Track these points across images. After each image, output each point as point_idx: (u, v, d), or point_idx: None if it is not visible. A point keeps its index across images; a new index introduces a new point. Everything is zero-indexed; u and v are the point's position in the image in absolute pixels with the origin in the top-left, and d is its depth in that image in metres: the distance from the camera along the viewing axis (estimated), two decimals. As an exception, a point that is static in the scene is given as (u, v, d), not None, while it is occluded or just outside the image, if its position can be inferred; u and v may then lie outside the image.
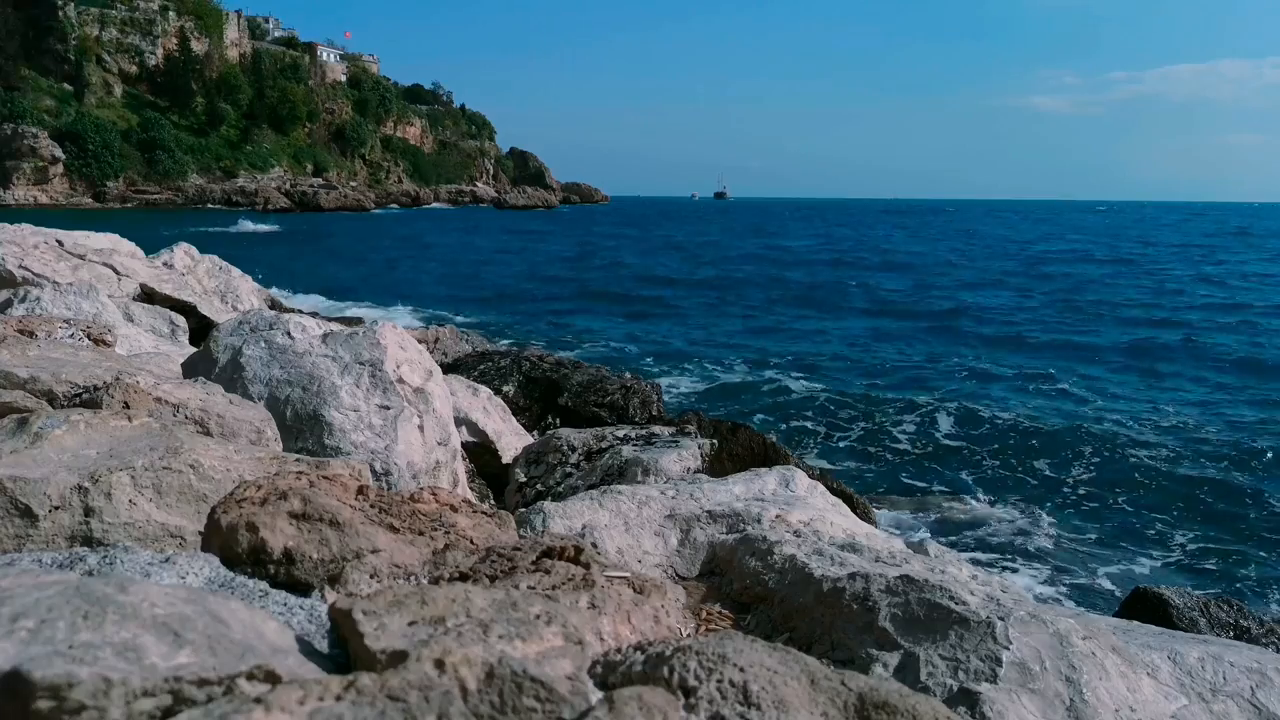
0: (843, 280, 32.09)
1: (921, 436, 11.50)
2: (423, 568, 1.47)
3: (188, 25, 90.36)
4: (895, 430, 11.73)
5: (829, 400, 13.45)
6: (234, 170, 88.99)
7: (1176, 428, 12.27)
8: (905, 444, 11.19)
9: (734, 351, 17.55)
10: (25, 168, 72.78)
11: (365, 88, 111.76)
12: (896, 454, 10.79)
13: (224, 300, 8.06)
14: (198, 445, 1.90)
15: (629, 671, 1.05)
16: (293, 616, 1.23)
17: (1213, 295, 28.44)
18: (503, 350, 9.02)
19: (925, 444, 11.18)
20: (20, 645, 0.84)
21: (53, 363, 2.68)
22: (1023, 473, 10.14)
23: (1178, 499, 9.34)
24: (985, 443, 11.28)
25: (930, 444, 11.18)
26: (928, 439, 11.39)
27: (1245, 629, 4.26)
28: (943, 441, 11.30)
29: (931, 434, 11.60)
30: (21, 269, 5.81)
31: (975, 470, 10.22)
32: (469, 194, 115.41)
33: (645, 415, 6.94)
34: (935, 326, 21.43)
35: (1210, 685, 2.05)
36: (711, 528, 2.85)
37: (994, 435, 11.58)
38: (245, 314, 3.64)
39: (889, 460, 10.55)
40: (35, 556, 1.40)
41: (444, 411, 3.55)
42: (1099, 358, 17.48)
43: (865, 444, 11.16)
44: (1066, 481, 9.88)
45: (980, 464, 10.47)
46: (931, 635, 2.00)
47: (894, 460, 10.55)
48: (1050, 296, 27.59)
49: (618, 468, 4.23)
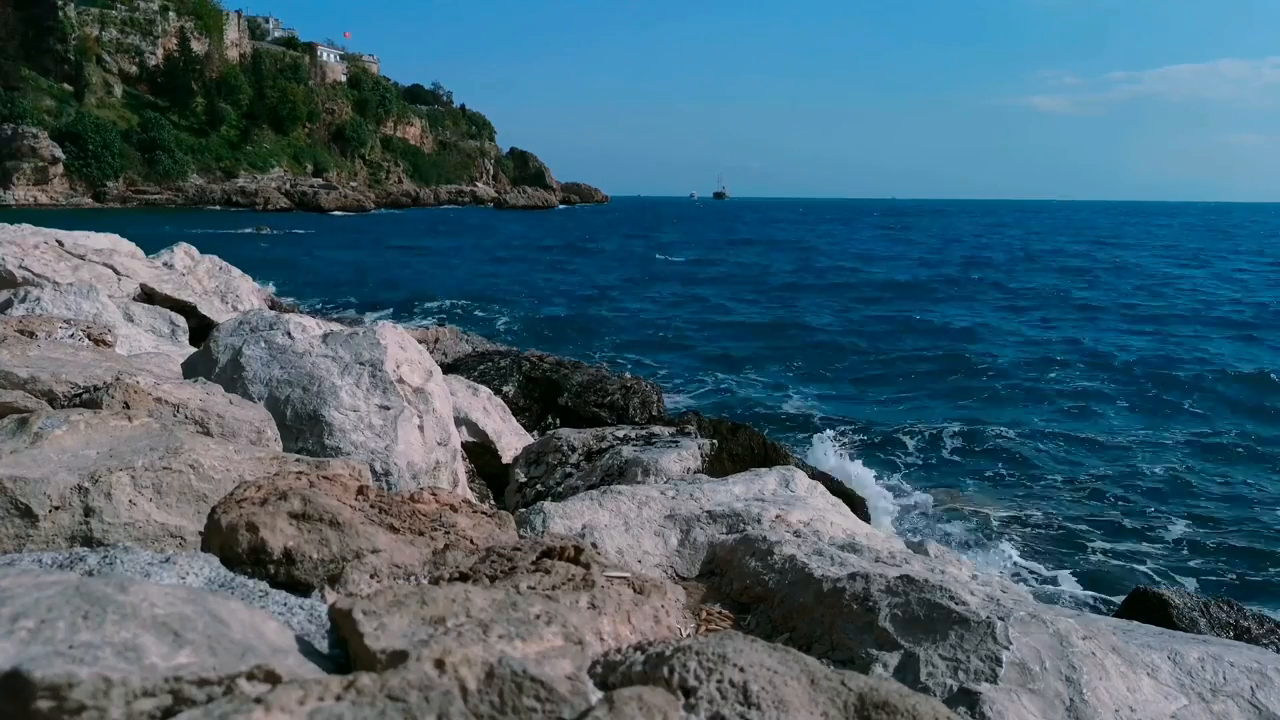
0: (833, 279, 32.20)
1: (921, 437, 11.50)
2: (423, 568, 1.47)
3: (188, 25, 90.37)
4: (895, 431, 11.74)
5: (829, 400, 13.46)
6: (234, 170, 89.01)
7: (1177, 427, 12.28)
8: (905, 444, 11.19)
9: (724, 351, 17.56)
10: (25, 168, 72.76)
11: (365, 88, 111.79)
12: (897, 454, 10.79)
13: (224, 300, 8.06)
14: (198, 445, 1.90)
15: (629, 671, 1.05)
16: (293, 616, 1.23)
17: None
18: (503, 350, 9.02)
19: (925, 444, 11.18)
20: (20, 645, 0.84)
21: (53, 363, 2.68)
22: (1022, 473, 10.14)
23: (1178, 499, 9.35)
24: (985, 443, 11.29)
25: (930, 444, 11.19)
26: (927, 439, 11.39)
27: (1245, 629, 4.26)
28: (942, 442, 11.30)
29: (931, 434, 11.61)
30: (21, 269, 5.81)
31: (975, 470, 10.22)
32: (469, 194, 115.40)
33: (645, 415, 6.94)
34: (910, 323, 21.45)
35: (1210, 685, 2.05)
36: (711, 528, 2.85)
37: (993, 436, 11.59)
38: (245, 314, 3.64)
39: (889, 460, 10.55)
40: (35, 556, 1.40)
41: (444, 411, 3.55)
42: (1101, 357, 17.49)
43: (866, 444, 11.16)
44: (1066, 481, 9.88)
45: (980, 464, 10.47)
46: (931, 635, 2.00)
47: (894, 460, 10.56)
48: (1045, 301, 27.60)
49: (618, 468, 4.23)
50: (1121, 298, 27.64)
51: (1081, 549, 8.06)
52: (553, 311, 22.63)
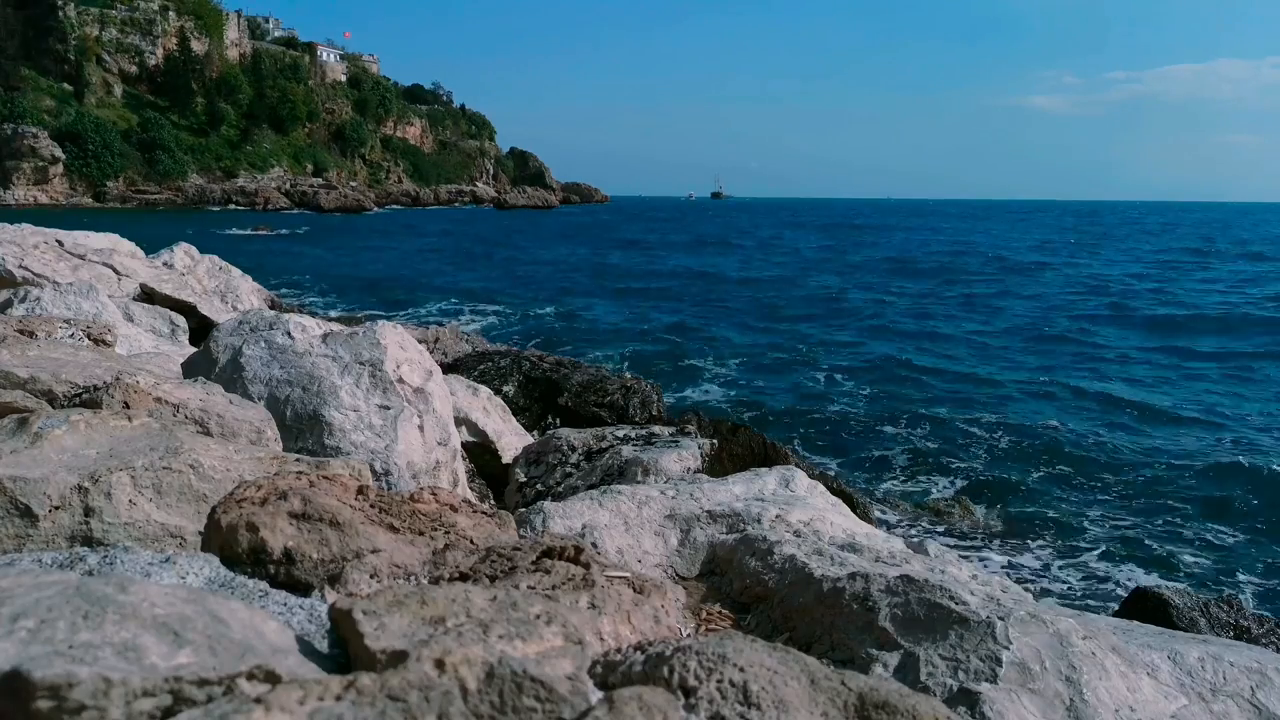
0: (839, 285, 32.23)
1: (921, 437, 11.50)
2: (423, 568, 1.47)
3: (188, 25, 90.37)
4: (896, 431, 11.74)
5: (829, 399, 13.46)
6: (234, 170, 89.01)
7: (1176, 428, 12.28)
8: (906, 444, 11.19)
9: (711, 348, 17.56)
10: (25, 168, 72.79)
11: (365, 88, 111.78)
12: (896, 454, 10.79)
13: (224, 300, 8.06)
14: (198, 445, 1.90)
15: (629, 671, 1.05)
16: (293, 616, 1.23)
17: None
18: (503, 350, 9.02)
19: (925, 444, 11.18)
20: (20, 645, 0.84)
21: (53, 363, 2.68)
22: (1022, 473, 10.14)
23: (1178, 499, 9.35)
24: (985, 443, 11.29)
25: (930, 444, 11.19)
26: (927, 440, 11.40)
27: (1245, 629, 4.26)
28: (942, 442, 11.30)
29: (931, 435, 11.61)
30: (21, 269, 5.81)
31: (975, 470, 10.22)
32: (469, 194, 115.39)
33: (645, 415, 6.94)
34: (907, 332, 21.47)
35: (1210, 685, 2.05)
36: (711, 528, 2.85)
37: (993, 436, 11.59)
38: (245, 314, 3.64)
39: (889, 460, 10.55)
40: (35, 556, 1.40)
41: (444, 411, 3.54)
42: (1103, 358, 17.50)
43: (866, 444, 11.17)
44: (1066, 481, 9.88)
45: (980, 464, 10.47)
46: (931, 635, 2.00)
47: (894, 460, 10.56)
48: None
49: (618, 468, 4.23)
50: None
51: (1082, 549, 8.06)
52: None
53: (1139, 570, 7.63)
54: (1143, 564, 7.79)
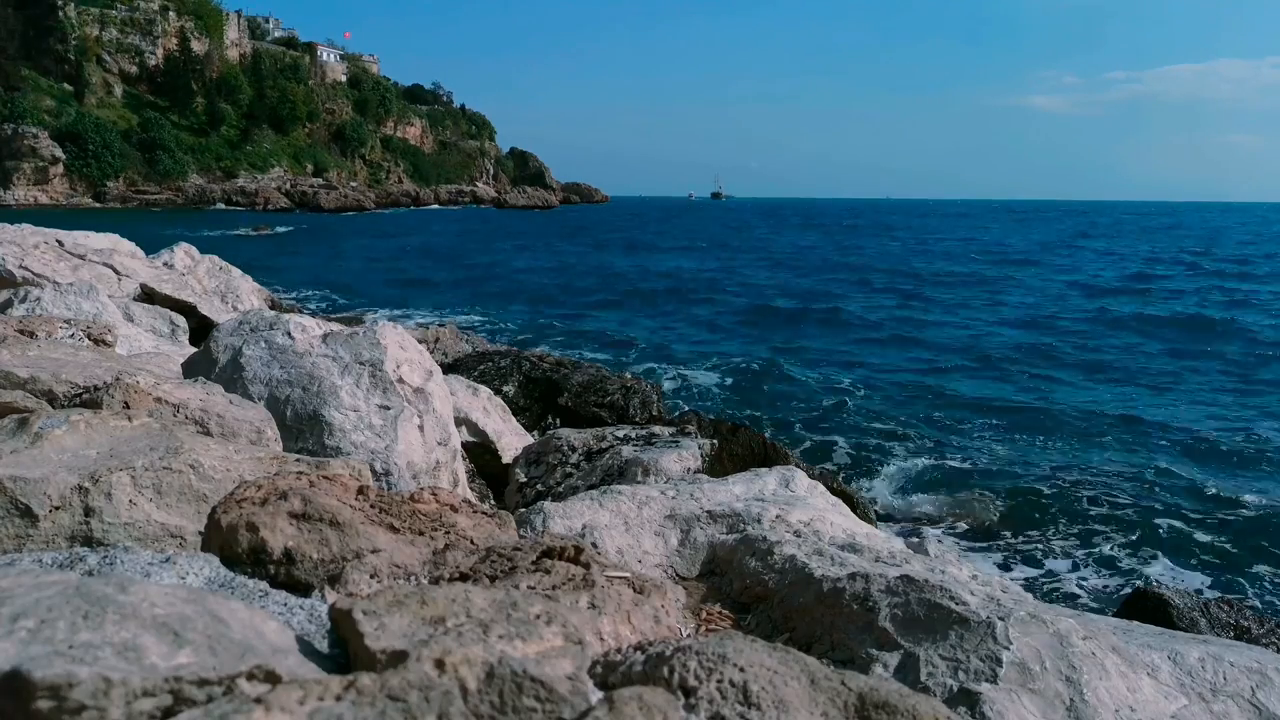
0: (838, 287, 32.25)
1: (921, 437, 11.50)
2: (423, 568, 1.47)
3: (188, 25, 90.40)
4: (896, 431, 11.74)
5: (829, 399, 13.46)
6: (234, 170, 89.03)
7: (1175, 427, 12.27)
8: (906, 445, 11.19)
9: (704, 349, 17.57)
10: (25, 168, 72.81)
11: (365, 88, 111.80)
12: (897, 454, 10.78)
13: (224, 300, 8.07)
14: (198, 445, 1.90)
15: (629, 671, 1.05)
16: (293, 616, 1.23)
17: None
18: (503, 350, 9.02)
19: (925, 445, 11.18)
20: (20, 645, 0.84)
21: (53, 363, 2.68)
22: (1022, 473, 10.14)
23: (1178, 499, 9.34)
24: (985, 443, 11.29)
25: (930, 445, 11.19)
26: (927, 440, 11.39)
27: (1245, 629, 4.26)
28: (942, 442, 11.30)
29: (931, 435, 11.61)
30: (21, 269, 5.81)
31: (975, 471, 10.21)
32: (469, 194, 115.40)
33: (645, 415, 6.94)
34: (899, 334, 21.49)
35: (1210, 685, 2.05)
36: (711, 528, 2.85)
37: (993, 436, 11.59)
38: (245, 314, 3.64)
39: (889, 461, 10.54)
40: (35, 556, 1.40)
41: (444, 411, 3.54)
42: (1109, 356, 17.51)
43: (866, 444, 11.16)
44: (1066, 482, 9.88)
45: (980, 464, 10.46)
46: (931, 635, 2.00)
47: (894, 461, 10.55)
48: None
49: (618, 468, 4.23)
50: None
51: (1082, 549, 8.06)
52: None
53: (1139, 570, 7.63)
54: (1143, 564, 7.79)
